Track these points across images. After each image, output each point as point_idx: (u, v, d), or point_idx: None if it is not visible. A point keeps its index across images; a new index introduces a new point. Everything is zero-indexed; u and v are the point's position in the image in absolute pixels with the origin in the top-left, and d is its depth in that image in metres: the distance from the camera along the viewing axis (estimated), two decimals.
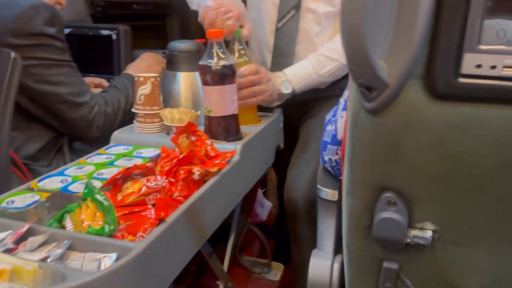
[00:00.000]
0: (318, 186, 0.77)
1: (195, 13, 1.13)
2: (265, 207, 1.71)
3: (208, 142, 0.83)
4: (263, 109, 1.26)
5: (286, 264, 1.46)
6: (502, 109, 0.43)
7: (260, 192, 1.68)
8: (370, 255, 0.59)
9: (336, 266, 0.73)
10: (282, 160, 1.36)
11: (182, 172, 0.72)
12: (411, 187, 0.51)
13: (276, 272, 1.52)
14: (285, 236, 1.24)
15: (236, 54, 1.01)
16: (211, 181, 0.74)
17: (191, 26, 1.91)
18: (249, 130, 0.96)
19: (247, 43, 1.15)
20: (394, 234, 0.53)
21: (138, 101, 0.95)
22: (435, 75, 0.44)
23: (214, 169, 0.75)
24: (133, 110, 0.97)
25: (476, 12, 0.41)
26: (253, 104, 1.03)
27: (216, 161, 0.79)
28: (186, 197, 0.70)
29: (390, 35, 0.44)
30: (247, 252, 1.64)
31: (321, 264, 0.74)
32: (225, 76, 0.87)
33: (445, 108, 0.44)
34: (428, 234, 0.53)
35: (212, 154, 0.83)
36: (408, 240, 0.54)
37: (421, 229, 0.53)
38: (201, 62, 0.87)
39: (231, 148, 0.84)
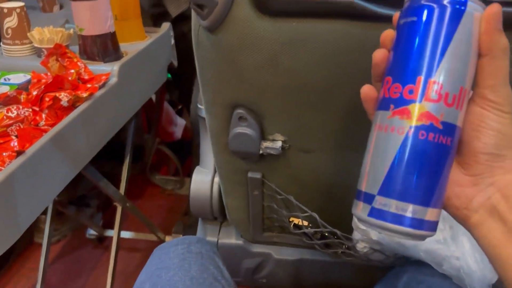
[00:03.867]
0: (198, 105, 0.78)
1: None
2: (178, 125, 1.70)
3: (81, 64, 0.79)
4: (153, 23, 1.19)
5: None
6: (328, 24, 0.44)
7: (171, 111, 1.66)
8: (235, 168, 0.63)
9: (216, 180, 0.77)
10: (181, 77, 1.33)
11: (47, 99, 0.69)
12: (257, 103, 0.53)
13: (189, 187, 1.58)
14: None
15: None
16: (82, 107, 0.71)
17: None
18: (133, 48, 0.91)
19: None
20: (248, 147, 0.57)
21: (6, 34, 0.86)
22: None
23: (85, 94, 0.72)
24: (1, 44, 0.88)
25: None
26: None
27: (89, 85, 0.76)
28: (53, 125, 0.67)
29: None
30: (162, 171, 1.67)
31: (201, 179, 0.77)
32: None
33: (275, 25, 0.44)
34: (278, 144, 0.57)
35: (87, 77, 0.79)
36: (261, 152, 0.57)
37: (273, 140, 0.57)
38: None
39: (107, 70, 0.81)
